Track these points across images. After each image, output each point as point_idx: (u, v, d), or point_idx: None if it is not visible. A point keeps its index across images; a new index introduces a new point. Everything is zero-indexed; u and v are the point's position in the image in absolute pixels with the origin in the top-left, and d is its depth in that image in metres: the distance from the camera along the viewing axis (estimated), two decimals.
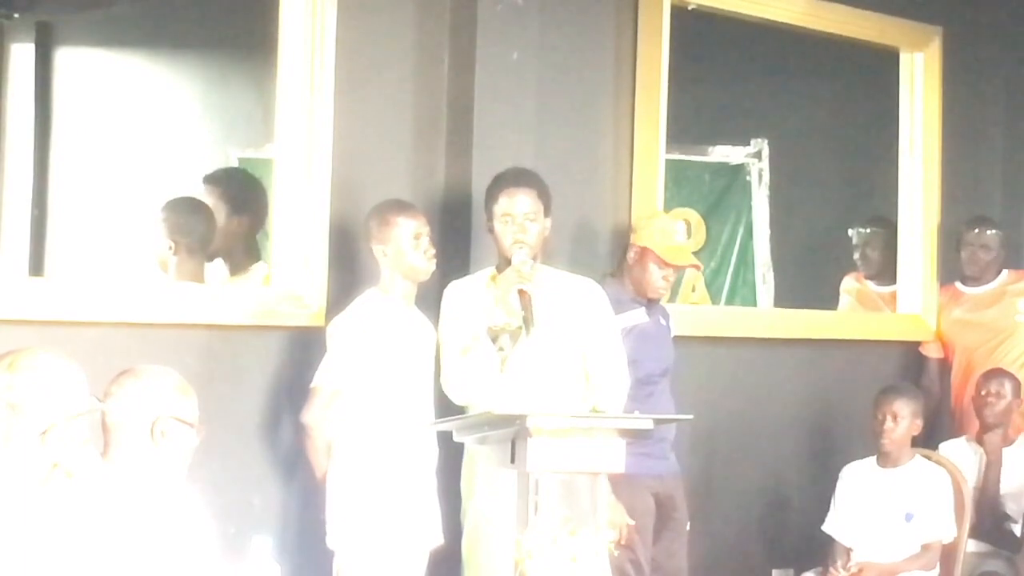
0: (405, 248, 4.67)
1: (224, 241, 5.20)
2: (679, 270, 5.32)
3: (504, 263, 4.74)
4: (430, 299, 4.87)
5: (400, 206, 4.75)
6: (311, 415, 4.59)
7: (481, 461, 4.58)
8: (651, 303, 5.21)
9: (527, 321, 4.54)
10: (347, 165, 4.96)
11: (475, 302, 4.71)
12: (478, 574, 4.68)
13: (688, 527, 5.23)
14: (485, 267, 4.86)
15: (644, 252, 5.14)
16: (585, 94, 5.65)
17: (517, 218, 4.70)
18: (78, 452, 3.27)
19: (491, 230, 4.77)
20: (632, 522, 4.70)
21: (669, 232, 5.21)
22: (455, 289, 4.80)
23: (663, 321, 5.28)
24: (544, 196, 4.77)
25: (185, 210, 5.08)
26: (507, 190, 4.73)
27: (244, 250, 5.26)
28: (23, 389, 3.18)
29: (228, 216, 5.21)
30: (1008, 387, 5.96)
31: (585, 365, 4.79)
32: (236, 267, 5.22)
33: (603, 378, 4.79)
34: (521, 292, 4.55)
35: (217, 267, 5.22)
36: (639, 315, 5.14)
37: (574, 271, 5.01)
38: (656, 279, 5.15)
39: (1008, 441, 5.96)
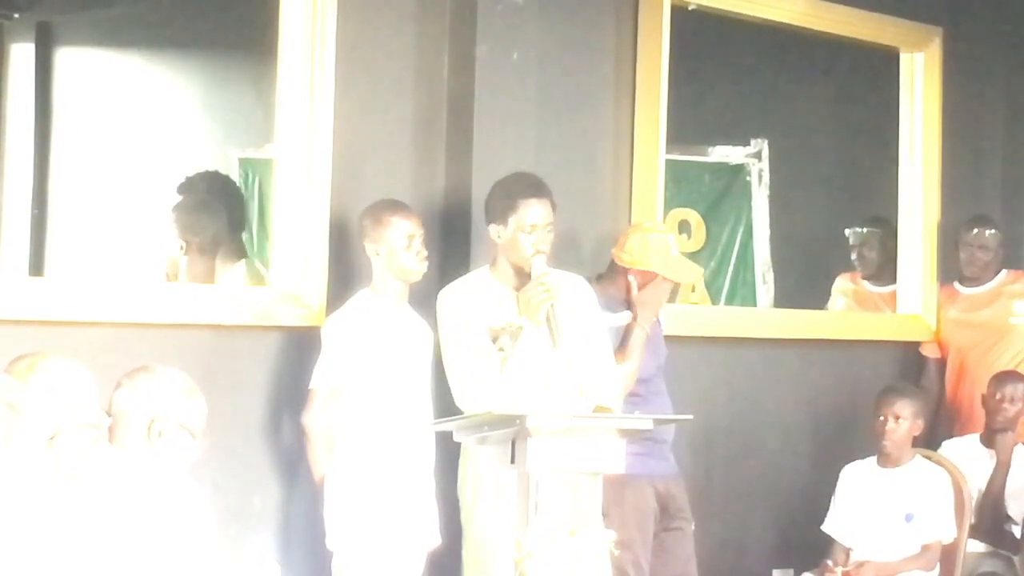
0: (397, 248, 4.67)
1: None
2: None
3: (507, 265, 4.70)
4: (426, 299, 4.87)
5: (394, 206, 4.75)
6: (308, 416, 4.60)
7: (486, 463, 4.55)
8: None
9: (555, 334, 4.55)
10: (347, 165, 4.95)
11: (482, 304, 4.68)
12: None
13: (693, 527, 5.21)
14: (485, 266, 4.85)
15: (648, 275, 5.07)
16: (585, 94, 5.65)
17: (539, 229, 4.67)
18: (83, 455, 3.28)
19: (498, 235, 4.69)
20: None
21: (665, 248, 5.15)
22: (454, 293, 4.73)
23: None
24: (554, 204, 4.74)
25: (195, 209, 5.09)
26: (528, 200, 4.67)
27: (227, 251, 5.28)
28: (32, 395, 3.18)
29: None
30: (1022, 390, 5.92)
31: (576, 359, 4.75)
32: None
33: (598, 373, 4.76)
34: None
35: None
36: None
37: (572, 271, 4.99)
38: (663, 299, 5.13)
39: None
